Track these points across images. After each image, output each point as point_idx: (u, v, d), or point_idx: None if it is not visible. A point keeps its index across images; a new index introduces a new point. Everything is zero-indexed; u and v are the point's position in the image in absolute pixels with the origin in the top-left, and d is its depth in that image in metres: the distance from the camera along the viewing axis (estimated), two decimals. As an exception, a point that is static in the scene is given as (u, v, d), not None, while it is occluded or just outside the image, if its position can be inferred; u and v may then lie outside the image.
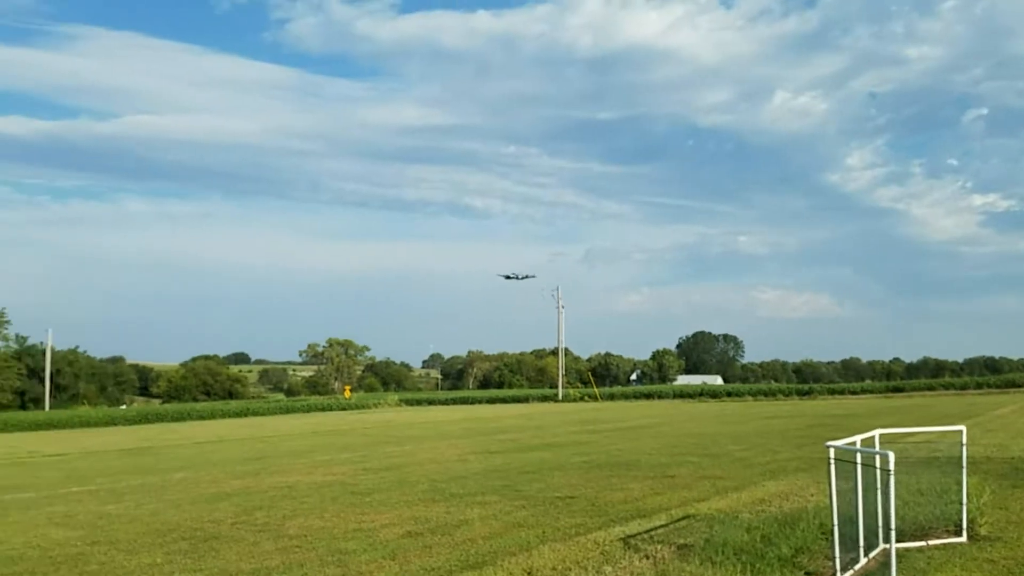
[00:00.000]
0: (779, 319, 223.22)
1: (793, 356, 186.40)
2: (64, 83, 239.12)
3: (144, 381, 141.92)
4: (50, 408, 77.65)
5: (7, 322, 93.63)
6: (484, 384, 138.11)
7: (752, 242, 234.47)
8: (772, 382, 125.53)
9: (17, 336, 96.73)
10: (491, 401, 74.82)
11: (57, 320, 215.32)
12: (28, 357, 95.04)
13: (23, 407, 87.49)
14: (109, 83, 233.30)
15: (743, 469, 16.88)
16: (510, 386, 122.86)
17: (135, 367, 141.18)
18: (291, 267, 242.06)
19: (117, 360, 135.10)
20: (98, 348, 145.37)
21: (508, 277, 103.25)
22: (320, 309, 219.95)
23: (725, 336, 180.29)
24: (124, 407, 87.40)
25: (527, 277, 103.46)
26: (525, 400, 74.04)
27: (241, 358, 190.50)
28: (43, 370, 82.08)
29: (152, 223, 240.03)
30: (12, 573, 9.53)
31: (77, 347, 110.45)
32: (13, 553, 10.59)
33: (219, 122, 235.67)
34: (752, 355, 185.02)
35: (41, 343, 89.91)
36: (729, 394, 70.00)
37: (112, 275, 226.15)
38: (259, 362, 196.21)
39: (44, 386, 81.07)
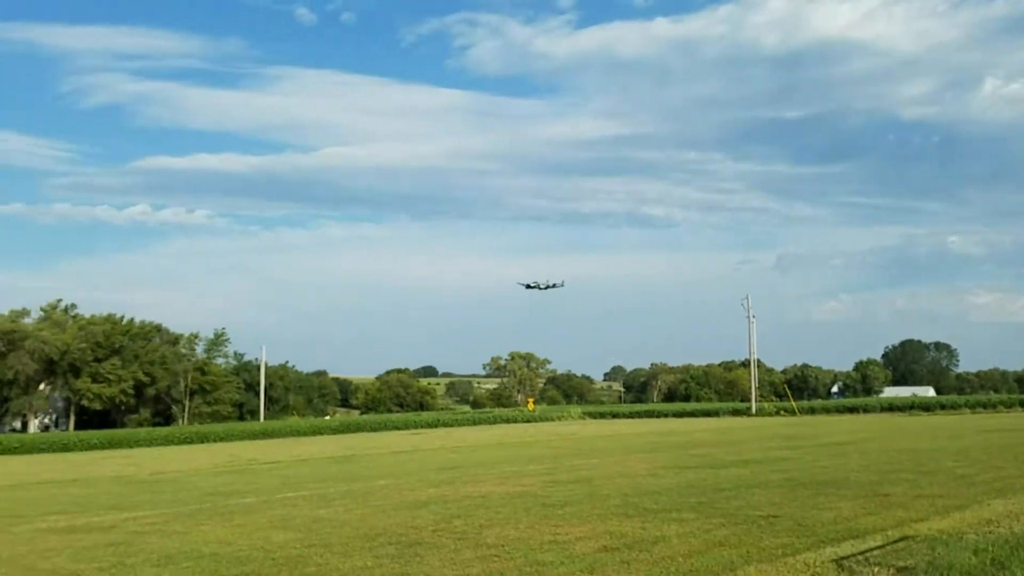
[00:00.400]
0: (997, 324, 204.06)
1: (1015, 364, 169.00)
2: (271, 121, 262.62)
3: (344, 393, 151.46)
4: (264, 419, 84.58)
5: (227, 341, 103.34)
6: (669, 397, 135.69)
7: (964, 242, 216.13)
8: (991, 393, 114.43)
9: (235, 353, 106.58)
10: (678, 415, 73.20)
11: (269, 338, 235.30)
12: (245, 372, 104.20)
13: (241, 418, 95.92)
14: (309, 118, 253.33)
15: (964, 487, 15.41)
16: (697, 399, 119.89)
17: (336, 380, 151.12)
18: (474, 283, 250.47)
19: (320, 374, 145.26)
20: (304, 363, 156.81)
21: (529, 286, 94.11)
22: (502, 323, 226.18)
23: (936, 344, 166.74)
24: (328, 418, 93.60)
25: (551, 286, 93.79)
26: (715, 414, 71.81)
27: (429, 371, 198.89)
28: (258, 384, 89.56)
29: (349, 246, 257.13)
30: (241, 573, 10.32)
31: (287, 362, 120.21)
32: (241, 555, 11.47)
33: (407, 148, 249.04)
34: (967, 364, 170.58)
35: (256, 359, 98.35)
36: (943, 406, 64.83)
37: (315, 295, 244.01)
38: (446, 375, 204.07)
39: (259, 399, 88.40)
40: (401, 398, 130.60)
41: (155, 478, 26.93)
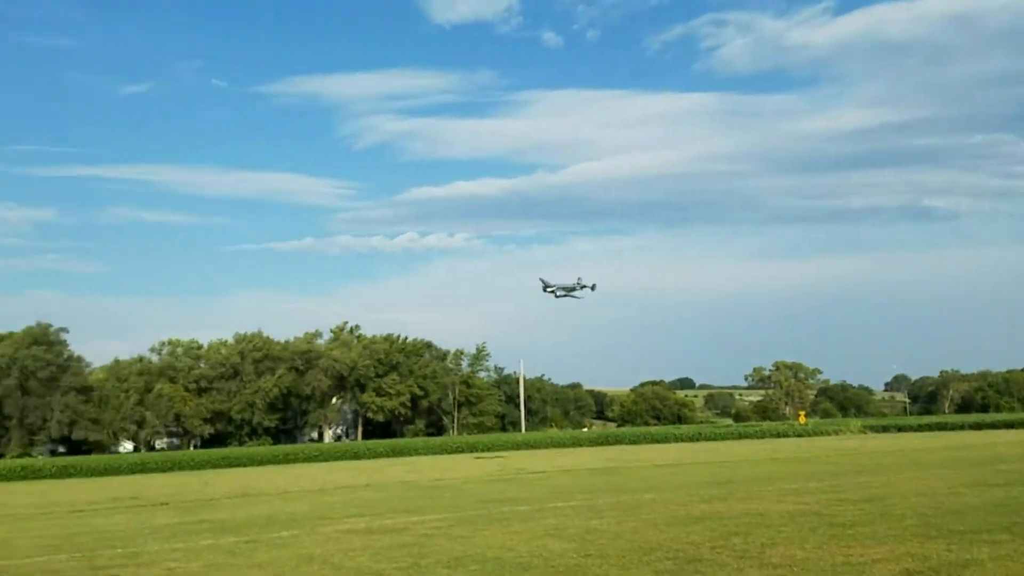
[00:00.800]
0: None
1: None
2: (521, 144, 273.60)
3: (599, 405, 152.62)
4: (525, 430, 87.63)
5: (487, 355, 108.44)
6: (963, 408, 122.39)
7: None
8: None
9: (495, 367, 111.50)
10: (975, 427, 65.70)
11: (527, 352, 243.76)
12: (505, 385, 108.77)
13: (503, 429, 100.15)
14: (557, 138, 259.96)
15: None
16: (998, 409, 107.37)
17: (591, 392, 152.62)
18: (729, 290, 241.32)
19: (575, 386, 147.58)
20: (559, 376, 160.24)
21: (547, 288, 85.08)
22: (764, 331, 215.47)
23: None
24: (585, 429, 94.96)
25: (573, 291, 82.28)
26: (1020, 426, 63.47)
27: (686, 383, 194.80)
28: (518, 396, 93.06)
29: (598, 259, 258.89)
30: (524, 578, 10.59)
31: (543, 375, 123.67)
32: (521, 561, 11.78)
33: (653, 157, 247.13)
34: None
35: (515, 372, 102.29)
36: None
37: (567, 310, 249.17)
38: (703, 387, 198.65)
39: (519, 410, 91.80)
40: (657, 411, 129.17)
41: (435, 484, 28.73)
